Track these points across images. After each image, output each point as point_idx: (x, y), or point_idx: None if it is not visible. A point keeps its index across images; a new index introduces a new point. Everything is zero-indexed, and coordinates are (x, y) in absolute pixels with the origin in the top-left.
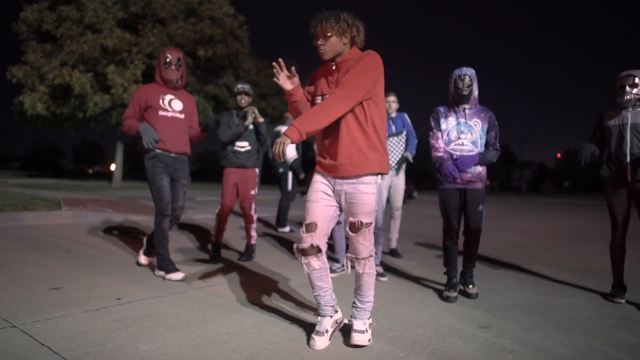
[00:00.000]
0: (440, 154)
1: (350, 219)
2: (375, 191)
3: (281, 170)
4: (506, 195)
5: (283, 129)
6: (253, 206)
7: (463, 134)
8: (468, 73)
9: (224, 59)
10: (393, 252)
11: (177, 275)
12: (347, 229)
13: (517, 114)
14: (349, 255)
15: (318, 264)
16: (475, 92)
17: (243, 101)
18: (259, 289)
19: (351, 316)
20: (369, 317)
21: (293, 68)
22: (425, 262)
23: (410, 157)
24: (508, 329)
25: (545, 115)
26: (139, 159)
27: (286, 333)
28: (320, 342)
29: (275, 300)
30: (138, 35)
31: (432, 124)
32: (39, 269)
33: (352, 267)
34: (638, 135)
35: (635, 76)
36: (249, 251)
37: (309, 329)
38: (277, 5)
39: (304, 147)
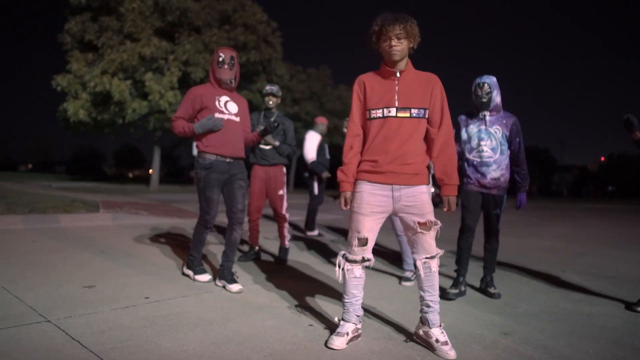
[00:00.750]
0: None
1: (419, 219)
2: (428, 191)
3: (306, 174)
4: (545, 201)
5: (312, 133)
6: (284, 205)
7: (483, 141)
8: (487, 81)
9: (258, 64)
10: None
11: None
12: (419, 229)
13: (559, 118)
14: (421, 257)
15: (360, 272)
16: (497, 99)
17: (270, 102)
18: (283, 290)
19: (423, 323)
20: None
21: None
22: (451, 267)
23: (432, 168)
24: (531, 336)
25: (589, 118)
26: (176, 164)
27: (305, 334)
28: (339, 342)
29: (298, 302)
30: (174, 43)
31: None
32: (75, 267)
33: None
34: None
35: None
36: (283, 252)
37: (329, 331)
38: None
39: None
